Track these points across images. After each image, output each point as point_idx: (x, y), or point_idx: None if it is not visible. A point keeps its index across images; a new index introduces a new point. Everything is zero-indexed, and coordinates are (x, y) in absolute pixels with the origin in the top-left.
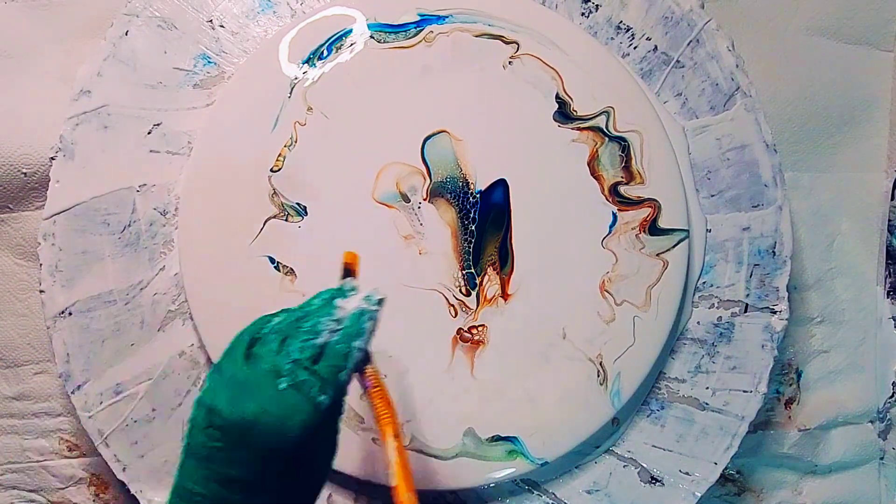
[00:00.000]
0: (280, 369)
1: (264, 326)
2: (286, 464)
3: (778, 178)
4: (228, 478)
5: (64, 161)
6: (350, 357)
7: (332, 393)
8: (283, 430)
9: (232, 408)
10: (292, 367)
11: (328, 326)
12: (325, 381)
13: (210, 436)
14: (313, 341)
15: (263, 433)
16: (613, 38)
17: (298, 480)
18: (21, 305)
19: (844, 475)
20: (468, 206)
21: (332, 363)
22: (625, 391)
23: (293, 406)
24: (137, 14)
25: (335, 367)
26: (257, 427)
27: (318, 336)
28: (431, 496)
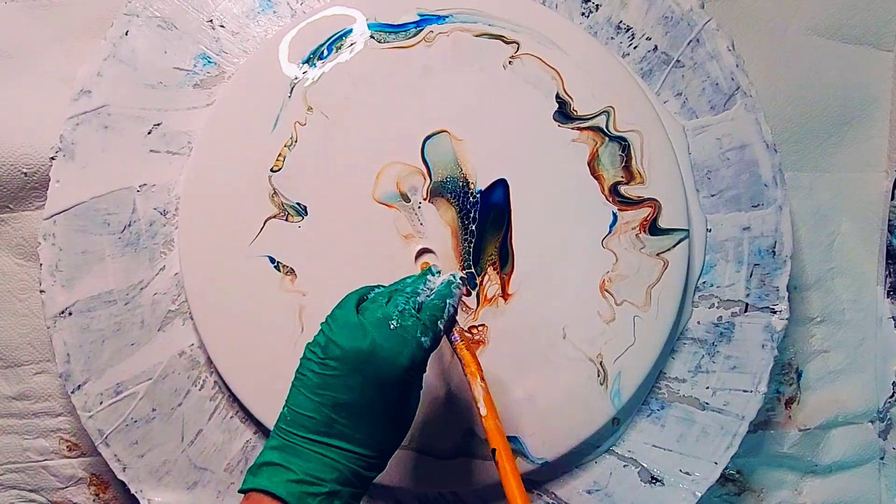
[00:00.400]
0: (390, 315)
1: (370, 291)
2: (390, 393)
3: (778, 177)
4: (339, 402)
5: (64, 161)
6: (445, 310)
7: (431, 337)
8: (393, 361)
9: (349, 341)
10: (399, 314)
11: (425, 290)
12: (426, 326)
13: (327, 366)
14: (415, 298)
15: (377, 362)
16: (613, 37)
17: (395, 412)
18: (21, 305)
19: (844, 475)
20: (468, 205)
21: (431, 313)
22: (625, 391)
23: (403, 341)
24: (137, 14)
25: (434, 316)
26: (373, 356)
27: (419, 295)
28: (431, 496)
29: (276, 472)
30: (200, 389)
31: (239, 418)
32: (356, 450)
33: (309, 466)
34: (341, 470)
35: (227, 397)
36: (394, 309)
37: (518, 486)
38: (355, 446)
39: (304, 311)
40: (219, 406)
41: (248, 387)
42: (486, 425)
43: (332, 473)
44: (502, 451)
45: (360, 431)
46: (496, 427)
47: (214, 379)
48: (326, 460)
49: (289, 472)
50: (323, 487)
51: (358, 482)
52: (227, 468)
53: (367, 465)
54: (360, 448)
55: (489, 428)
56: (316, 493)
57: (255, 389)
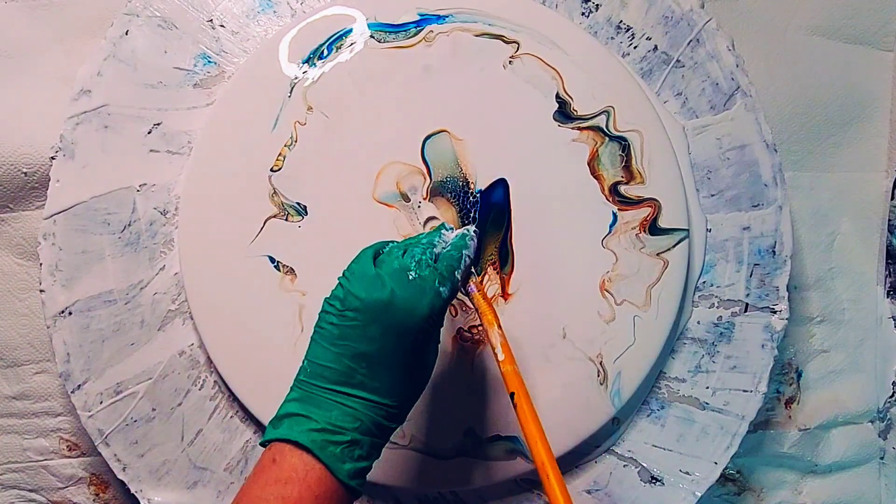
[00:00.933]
0: (407, 266)
1: (385, 245)
2: (409, 342)
3: (778, 177)
4: (359, 353)
5: (64, 161)
6: (462, 260)
7: (449, 286)
8: (412, 309)
9: (368, 293)
10: (416, 265)
11: (440, 243)
12: (444, 276)
13: (346, 317)
14: (431, 250)
15: (396, 311)
16: (613, 37)
17: (415, 362)
18: (21, 305)
19: (844, 475)
20: (468, 205)
21: (447, 263)
22: (625, 391)
23: (421, 290)
24: (137, 14)
25: (451, 266)
26: (391, 306)
27: (435, 247)
28: (431, 496)
29: (297, 422)
30: (200, 389)
31: (239, 418)
32: (376, 399)
33: (330, 416)
34: (362, 419)
35: (227, 397)
36: (411, 260)
37: (538, 431)
38: (375, 395)
39: (304, 310)
40: (219, 406)
41: (248, 387)
42: (503, 369)
43: (354, 423)
44: (521, 394)
45: (379, 381)
46: (514, 371)
47: (214, 379)
48: (347, 409)
49: (310, 422)
50: (345, 436)
51: (378, 432)
52: (227, 468)
53: (388, 414)
54: (381, 397)
55: (507, 372)
56: (338, 441)
57: (255, 389)
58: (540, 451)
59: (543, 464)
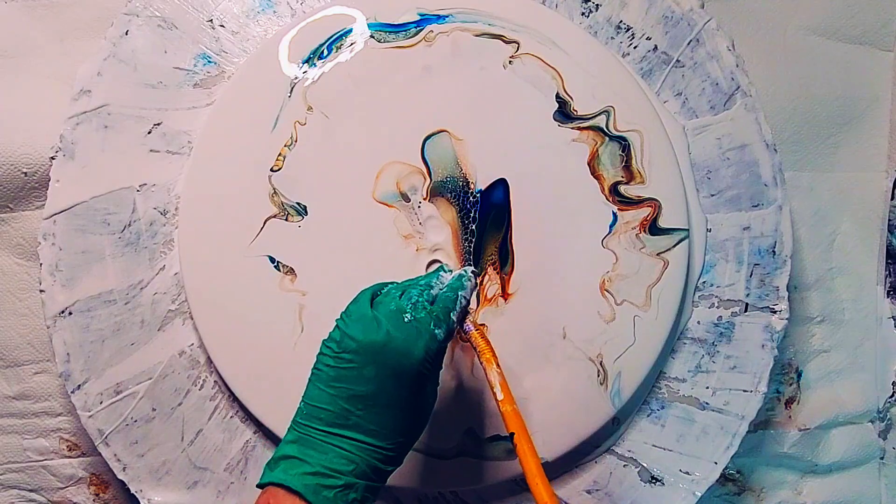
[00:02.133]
0: (403, 308)
1: (383, 287)
2: (405, 384)
3: (778, 177)
4: (354, 394)
5: (64, 161)
6: (457, 302)
7: (445, 329)
8: (408, 352)
9: (364, 335)
10: (413, 307)
11: (438, 284)
12: (440, 319)
13: (342, 359)
14: (428, 291)
15: (392, 354)
16: (613, 37)
17: (411, 404)
18: (21, 305)
19: (844, 475)
20: (468, 205)
21: (444, 305)
22: (625, 391)
23: (417, 332)
24: (137, 14)
25: (446, 308)
26: (387, 349)
27: (432, 289)
28: (431, 496)
29: (292, 465)
30: (200, 389)
31: (239, 418)
32: (372, 442)
33: (325, 459)
34: (357, 462)
35: (227, 397)
36: (407, 302)
37: (538, 470)
38: (371, 438)
39: (304, 310)
40: (219, 406)
41: (248, 387)
42: (502, 409)
43: (349, 466)
44: (521, 434)
45: (375, 423)
46: (514, 411)
47: (214, 379)
48: (342, 452)
49: (305, 465)
50: (339, 480)
51: (374, 475)
52: (227, 468)
53: (384, 457)
54: (376, 440)
55: (506, 412)
56: (332, 485)
57: (255, 389)
58: (542, 492)
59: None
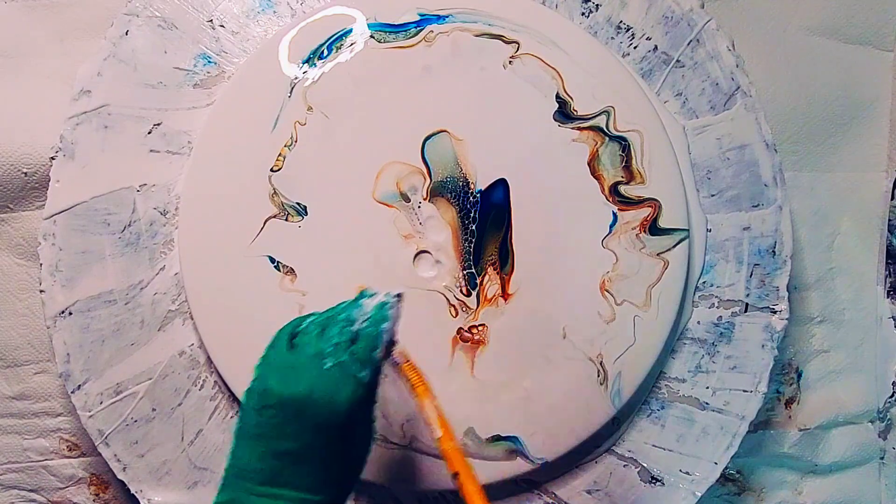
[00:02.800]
0: (323, 352)
1: (301, 322)
2: (333, 435)
3: (778, 177)
4: (282, 451)
5: (64, 161)
6: (380, 338)
7: (370, 369)
8: (331, 403)
9: (284, 387)
10: (333, 349)
11: (359, 317)
12: (363, 360)
13: (264, 415)
14: (348, 328)
15: (314, 406)
16: (613, 37)
17: (343, 452)
18: (21, 305)
19: (844, 475)
20: (468, 205)
21: (366, 343)
22: (625, 391)
23: (339, 381)
24: (137, 14)
25: (369, 347)
26: (309, 402)
27: (352, 324)
28: (431, 496)
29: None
30: (200, 389)
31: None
32: (306, 497)
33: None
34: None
35: (227, 397)
36: (327, 344)
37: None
38: (305, 493)
39: (304, 310)
40: (219, 406)
41: (247, 387)
42: (442, 447)
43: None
44: (464, 474)
45: (307, 477)
46: (454, 448)
47: (214, 379)
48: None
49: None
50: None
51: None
52: None
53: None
54: (310, 494)
55: (446, 450)
56: None
57: None
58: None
59: None
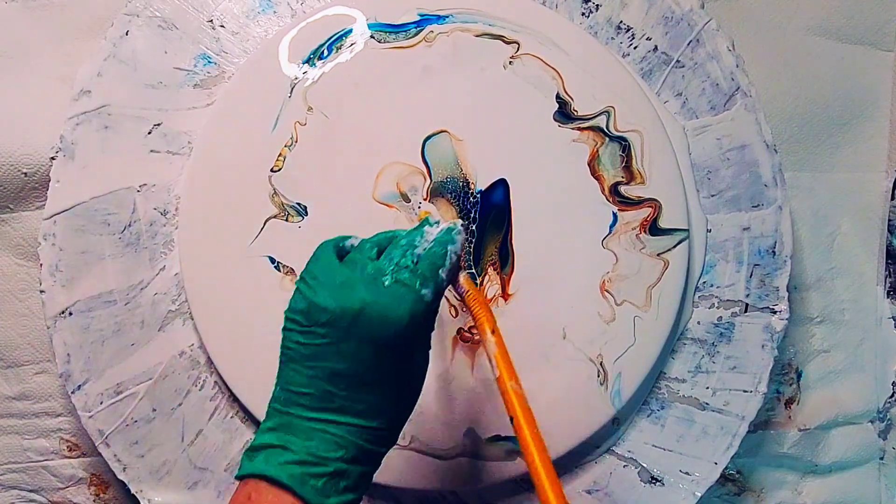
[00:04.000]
0: (382, 270)
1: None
2: (391, 356)
3: (778, 177)
4: (335, 372)
5: (64, 161)
6: (447, 257)
7: (433, 288)
8: (390, 319)
9: (337, 302)
10: (395, 268)
11: (421, 243)
12: (426, 277)
13: (314, 334)
14: (411, 252)
15: (371, 322)
16: (614, 38)
17: (401, 376)
18: (21, 305)
19: (844, 475)
20: (468, 205)
21: (431, 262)
22: (625, 391)
23: (399, 296)
24: (138, 14)
25: (434, 265)
26: (365, 316)
27: (416, 248)
28: (431, 496)
29: (273, 454)
30: (200, 389)
31: (239, 418)
32: (361, 423)
33: (310, 445)
34: (346, 447)
35: (227, 397)
36: (387, 263)
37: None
38: (359, 419)
39: None
40: (219, 406)
41: (248, 387)
42: (500, 388)
43: (337, 451)
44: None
45: (362, 402)
46: (513, 390)
47: (214, 379)
48: (328, 437)
49: (288, 453)
50: (327, 467)
51: (366, 459)
52: (228, 468)
53: (375, 438)
54: (365, 420)
55: (504, 391)
56: (320, 473)
57: (255, 389)
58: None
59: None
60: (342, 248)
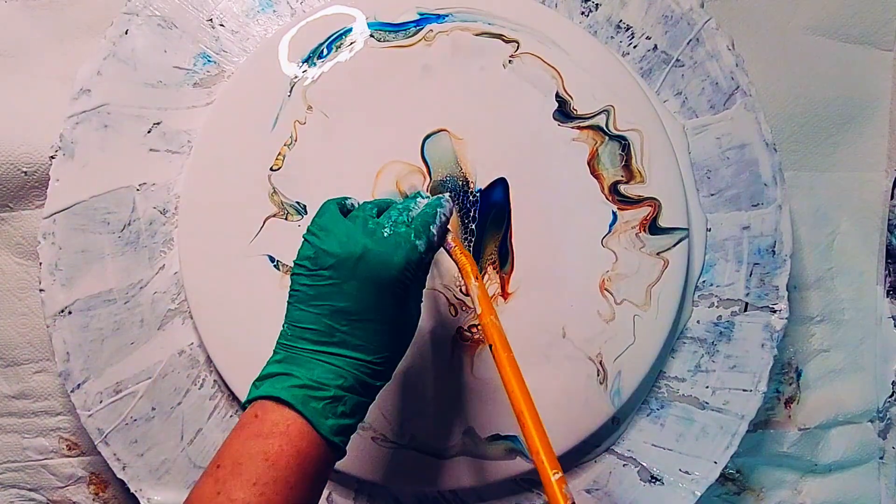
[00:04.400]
0: (382, 224)
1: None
2: (388, 295)
3: (778, 177)
4: (337, 310)
5: (64, 160)
6: (437, 217)
7: (425, 241)
8: (388, 261)
9: (342, 248)
10: (393, 223)
11: (416, 206)
12: (420, 231)
13: (320, 276)
14: (407, 212)
15: (372, 265)
16: (613, 36)
17: (396, 317)
18: (21, 304)
19: (844, 475)
20: (468, 204)
21: (423, 220)
22: (625, 390)
23: (397, 244)
24: (137, 13)
25: (426, 222)
26: (367, 260)
27: (411, 210)
28: (431, 496)
29: (279, 380)
30: (200, 388)
31: (238, 417)
32: (358, 356)
33: (312, 373)
34: (345, 376)
35: (227, 396)
36: (386, 220)
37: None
38: (357, 352)
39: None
40: (218, 405)
41: (247, 386)
42: (481, 322)
43: (337, 380)
44: (498, 345)
45: (360, 338)
46: (492, 323)
47: (214, 378)
48: (329, 367)
49: (292, 379)
50: (327, 391)
51: (363, 390)
52: None
53: (371, 371)
54: (363, 354)
55: (485, 324)
56: (320, 396)
57: None
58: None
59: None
60: (343, 206)
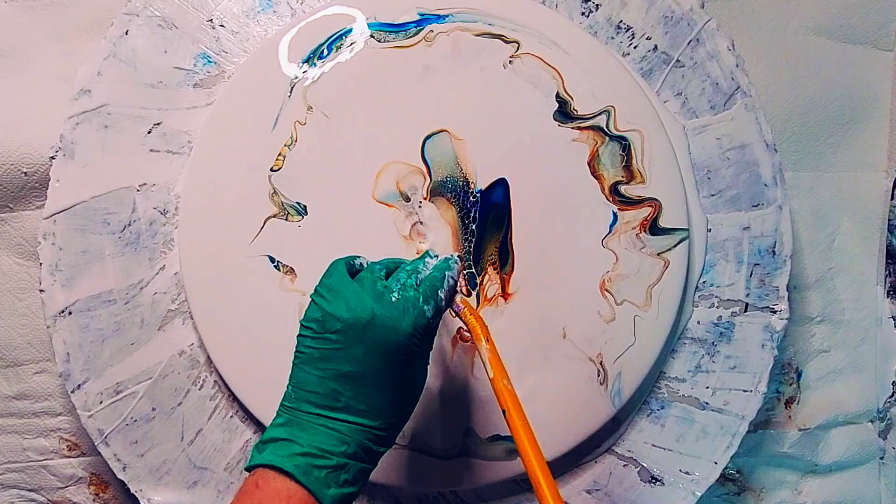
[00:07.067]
0: (390, 288)
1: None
2: (394, 361)
3: (778, 177)
4: (342, 374)
5: (64, 160)
6: (445, 281)
7: (433, 306)
8: (396, 327)
9: (350, 312)
10: (401, 287)
11: (424, 269)
12: (428, 296)
13: (327, 339)
14: (416, 275)
15: (379, 330)
16: (613, 37)
17: (402, 381)
18: (21, 305)
19: (844, 475)
20: (468, 205)
21: (431, 284)
22: (625, 390)
23: (404, 310)
24: (137, 13)
25: (434, 287)
26: (374, 325)
27: (419, 273)
28: (431, 496)
29: (281, 447)
30: (200, 389)
31: (239, 418)
32: (363, 422)
33: (315, 440)
34: (349, 443)
35: (227, 397)
36: (395, 283)
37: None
38: (362, 418)
39: (304, 310)
40: (218, 405)
41: (247, 386)
42: (494, 387)
43: (340, 446)
44: (512, 411)
45: (365, 403)
46: (505, 388)
47: (214, 378)
48: (333, 433)
49: (294, 446)
50: (330, 460)
51: (366, 456)
52: (227, 468)
53: (375, 437)
54: (367, 420)
55: (498, 390)
56: (323, 465)
57: (255, 389)
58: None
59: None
60: (352, 266)
